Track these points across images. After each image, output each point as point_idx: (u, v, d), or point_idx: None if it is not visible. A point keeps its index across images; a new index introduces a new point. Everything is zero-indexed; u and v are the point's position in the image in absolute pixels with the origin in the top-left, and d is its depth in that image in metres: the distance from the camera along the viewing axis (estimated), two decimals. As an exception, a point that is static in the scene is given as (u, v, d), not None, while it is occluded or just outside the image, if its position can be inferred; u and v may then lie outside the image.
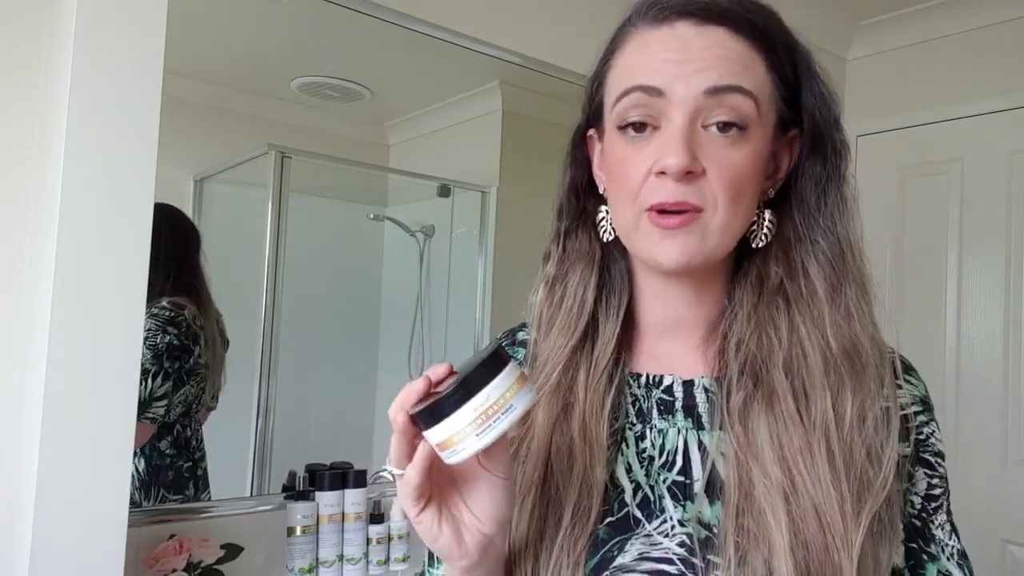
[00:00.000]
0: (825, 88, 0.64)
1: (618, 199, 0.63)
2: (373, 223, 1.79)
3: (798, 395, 0.59)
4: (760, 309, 0.63)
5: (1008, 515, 2.11)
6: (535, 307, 0.70)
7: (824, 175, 0.64)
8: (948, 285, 2.29)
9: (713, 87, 0.57)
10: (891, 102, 2.45)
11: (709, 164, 0.58)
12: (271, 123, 1.61)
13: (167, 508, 1.37)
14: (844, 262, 0.62)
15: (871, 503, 0.55)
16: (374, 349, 1.78)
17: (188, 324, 1.39)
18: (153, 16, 1.14)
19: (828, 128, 0.63)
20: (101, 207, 1.09)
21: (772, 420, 0.58)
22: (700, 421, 0.63)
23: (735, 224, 0.60)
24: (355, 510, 1.48)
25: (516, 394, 0.51)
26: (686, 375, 0.65)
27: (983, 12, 2.24)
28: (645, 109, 0.59)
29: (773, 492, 0.56)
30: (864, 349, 0.60)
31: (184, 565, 1.26)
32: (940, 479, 0.64)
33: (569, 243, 0.70)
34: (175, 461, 1.40)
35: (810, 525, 0.55)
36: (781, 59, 0.62)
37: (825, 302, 0.61)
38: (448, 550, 0.55)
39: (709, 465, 0.60)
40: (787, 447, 0.57)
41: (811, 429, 0.57)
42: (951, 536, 0.63)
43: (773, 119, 0.62)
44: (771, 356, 0.60)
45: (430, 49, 1.68)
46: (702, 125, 0.58)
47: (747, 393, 0.60)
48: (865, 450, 0.57)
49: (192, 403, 1.43)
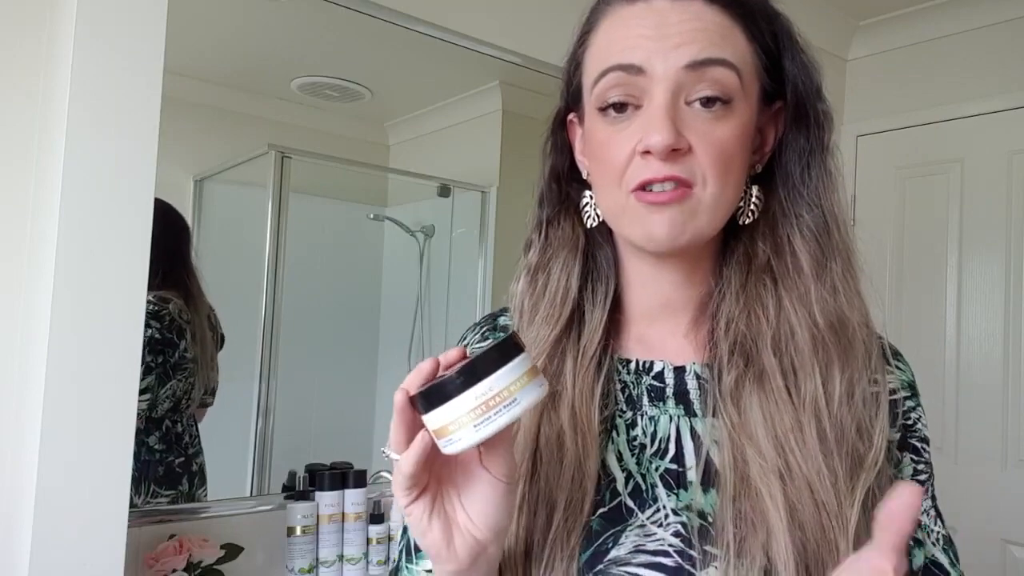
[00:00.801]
0: (806, 57, 0.62)
1: (603, 182, 0.61)
2: (373, 223, 1.79)
3: (787, 373, 0.58)
4: (748, 288, 0.62)
5: (1008, 515, 2.11)
6: (516, 296, 0.68)
7: (807, 147, 0.62)
8: (948, 285, 2.29)
9: (693, 61, 0.56)
10: (891, 102, 2.45)
11: (695, 140, 0.56)
12: (271, 123, 1.61)
13: (167, 508, 1.37)
14: (829, 236, 0.61)
15: (864, 479, 0.55)
16: (374, 349, 1.78)
17: (172, 318, 1.39)
18: (153, 16, 1.14)
19: (811, 98, 0.62)
20: (101, 207, 1.09)
21: (764, 399, 0.57)
22: (692, 408, 0.62)
23: (725, 200, 0.59)
24: (355, 510, 1.48)
25: (523, 387, 0.47)
26: (677, 361, 0.63)
27: (983, 12, 2.24)
28: (625, 88, 0.58)
29: (768, 472, 0.55)
30: (850, 323, 0.59)
31: (184, 565, 1.26)
32: (925, 464, 0.63)
33: (551, 231, 0.68)
34: (165, 456, 1.39)
35: (806, 505, 0.54)
36: (761, 28, 0.60)
37: (811, 278, 0.60)
38: (436, 549, 0.52)
39: (704, 453, 0.59)
40: (779, 426, 0.56)
41: (801, 408, 0.57)
42: (936, 521, 0.62)
43: (757, 91, 0.60)
44: (760, 335, 0.60)
45: (430, 49, 1.68)
46: (685, 101, 0.57)
47: (738, 373, 0.59)
48: (855, 426, 0.56)
49: (181, 398, 1.42)
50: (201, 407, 1.47)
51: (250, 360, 1.54)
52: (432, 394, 0.47)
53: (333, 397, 1.70)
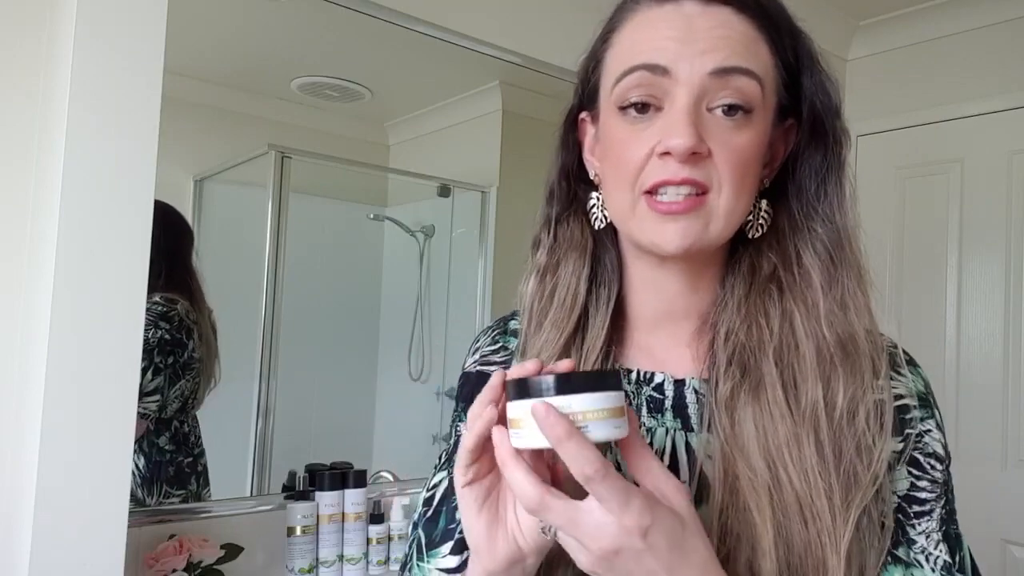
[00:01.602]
0: (826, 76, 0.62)
1: (615, 182, 0.61)
2: (373, 223, 1.79)
3: (787, 385, 0.57)
4: (751, 298, 0.61)
5: (1008, 516, 2.11)
6: (525, 298, 0.68)
7: (825, 165, 0.62)
8: (948, 285, 2.29)
9: (719, 68, 0.56)
10: (891, 102, 2.45)
11: (715, 146, 0.56)
12: (271, 123, 1.61)
13: (167, 508, 1.37)
14: (843, 251, 0.60)
15: (859, 498, 0.54)
16: (374, 349, 1.78)
17: (181, 319, 1.39)
18: (153, 16, 1.14)
19: (829, 117, 0.62)
20: (101, 208, 1.09)
21: (758, 411, 0.56)
22: (689, 422, 0.61)
23: (738, 209, 0.58)
24: (355, 510, 1.48)
25: (597, 420, 0.47)
26: (678, 373, 0.63)
27: (983, 12, 2.24)
28: (648, 89, 0.57)
29: (758, 487, 0.54)
30: (859, 340, 0.58)
31: (184, 565, 1.26)
32: (931, 483, 0.59)
33: (560, 230, 0.68)
34: (175, 456, 1.40)
35: (792, 520, 0.53)
36: (784, 44, 0.60)
37: (820, 291, 0.59)
38: (477, 542, 0.52)
39: (698, 468, 0.59)
40: (772, 439, 0.55)
41: (800, 420, 0.56)
42: (938, 547, 0.57)
43: (774, 105, 0.60)
44: (761, 346, 0.59)
45: (430, 49, 1.68)
46: (707, 107, 0.57)
47: (734, 383, 0.58)
48: (855, 444, 0.55)
49: (188, 398, 1.43)
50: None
51: (250, 360, 1.54)
52: (521, 385, 0.48)
53: (333, 397, 1.70)
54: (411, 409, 1.83)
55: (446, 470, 0.68)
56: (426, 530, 0.66)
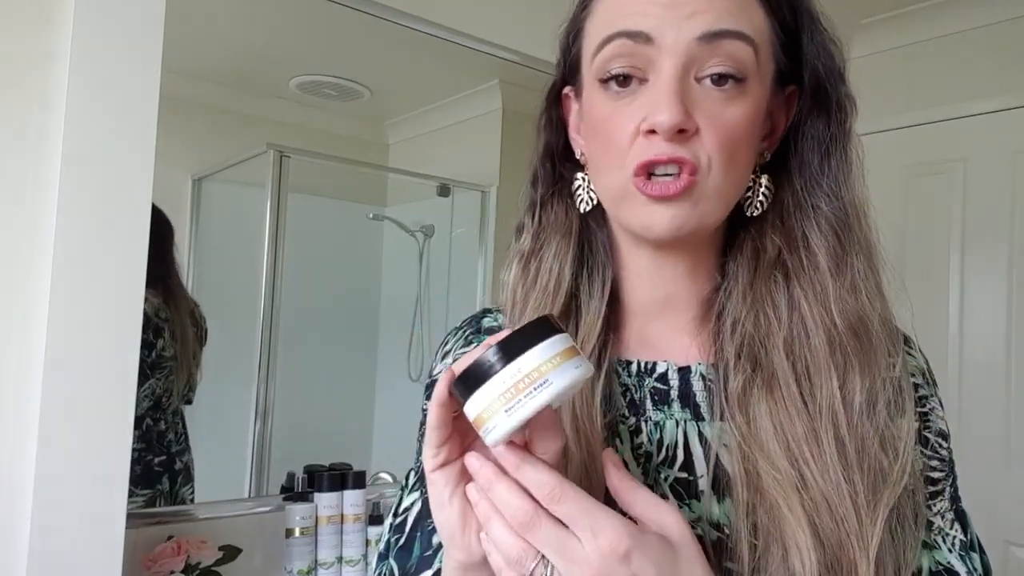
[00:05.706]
0: (828, 37, 0.58)
1: (602, 163, 0.56)
2: (373, 223, 1.78)
3: (801, 378, 0.53)
4: (757, 285, 0.57)
5: (1010, 516, 2.10)
6: (508, 286, 0.64)
7: (828, 135, 0.57)
8: (951, 285, 2.28)
9: (708, 32, 0.51)
10: (893, 102, 2.44)
11: (703, 121, 0.52)
12: (270, 122, 1.60)
13: (165, 510, 1.36)
14: (850, 230, 0.56)
15: (888, 495, 0.50)
16: (373, 349, 1.77)
17: (148, 319, 1.38)
18: (152, 15, 1.13)
19: (832, 82, 0.57)
20: (99, 208, 1.09)
21: (774, 407, 0.52)
22: (699, 411, 0.57)
23: (730, 188, 0.54)
24: (354, 511, 1.47)
25: (556, 368, 0.43)
26: (681, 361, 0.59)
27: (985, 10, 2.23)
28: (630, 59, 0.53)
29: (784, 484, 0.50)
30: (873, 325, 0.54)
31: (182, 567, 1.26)
32: (940, 461, 0.58)
33: (544, 214, 0.64)
34: (143, 455, 1.38)
35: (824, 519, 0.49)
36: (780, 2, 0.55)
37: (828, 275, 0.55)
38: (450, 530, 0.47)
39: (713, 459, 0.55)
40: (791, 436, 0.51)
41: (816, 415, 0.52)
42: (953, 525, 0.56)
43: (771, 71, 0.55)
44: (770, 337, 0.55)
45: (430, 48, 1.67)
46: (695, 77, 0.52)
47: (745, 378, 0.54)
48: (878, 438, 0.51)
49: (161, 396, 1.41)
50: (184, 404, 1.46)
51: (248, 360, 1.53)
52: (466, 379, 0.44)
53: (332, 398, 1.69)
54: (411, 410, 1.81)
55: (418, 491, 0.63)
56: (399, 560, 0.60)
